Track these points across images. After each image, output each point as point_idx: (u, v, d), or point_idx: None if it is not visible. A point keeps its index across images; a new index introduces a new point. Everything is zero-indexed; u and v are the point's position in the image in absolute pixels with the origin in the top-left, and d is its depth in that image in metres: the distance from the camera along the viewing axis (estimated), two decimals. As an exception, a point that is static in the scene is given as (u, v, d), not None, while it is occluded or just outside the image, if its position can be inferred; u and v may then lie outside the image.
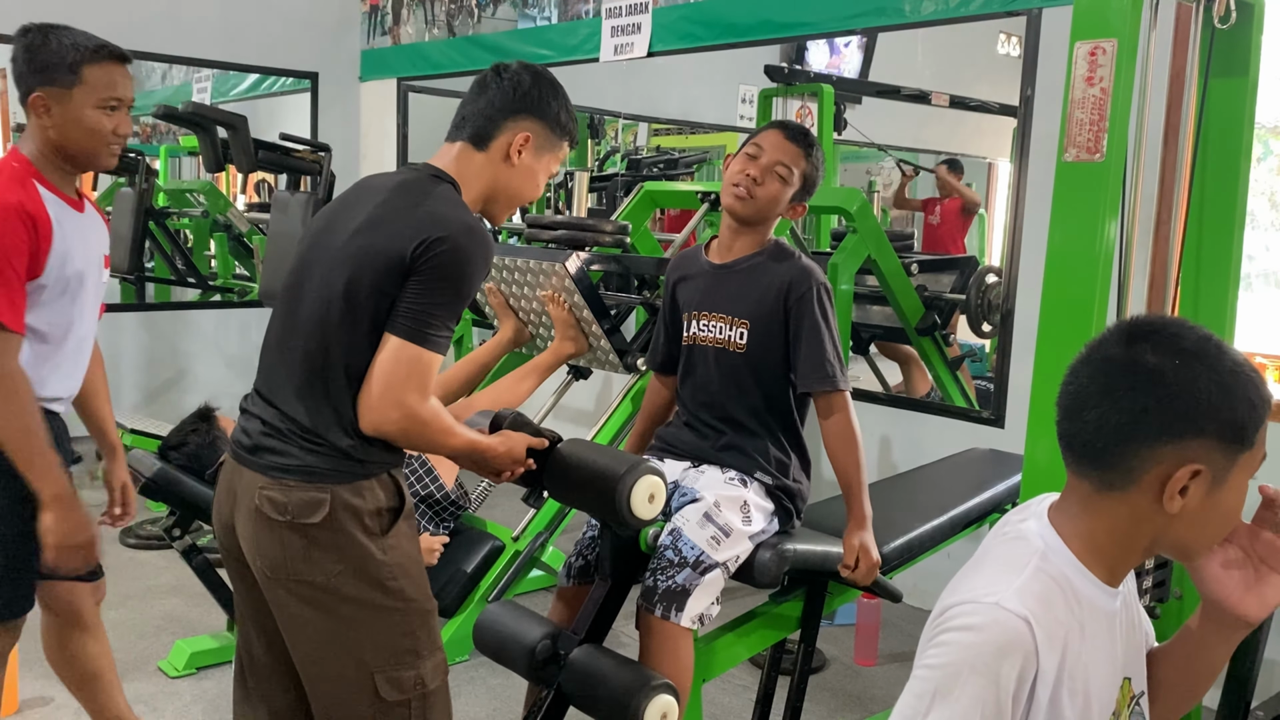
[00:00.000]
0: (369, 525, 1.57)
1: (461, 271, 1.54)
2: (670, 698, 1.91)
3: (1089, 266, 1.88)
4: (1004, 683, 1.06)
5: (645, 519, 1.84)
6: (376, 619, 1.58)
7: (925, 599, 3.68)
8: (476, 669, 3.06)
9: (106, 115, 1.92)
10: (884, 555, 2.33)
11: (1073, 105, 1.85)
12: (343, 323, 1.55)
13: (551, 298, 2.87)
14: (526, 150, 1.68)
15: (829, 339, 2.11)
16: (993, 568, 1.16)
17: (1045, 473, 1.98)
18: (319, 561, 1.55)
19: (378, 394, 1.52)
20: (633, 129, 7.38)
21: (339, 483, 1.55)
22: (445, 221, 1.54)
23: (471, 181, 1.67)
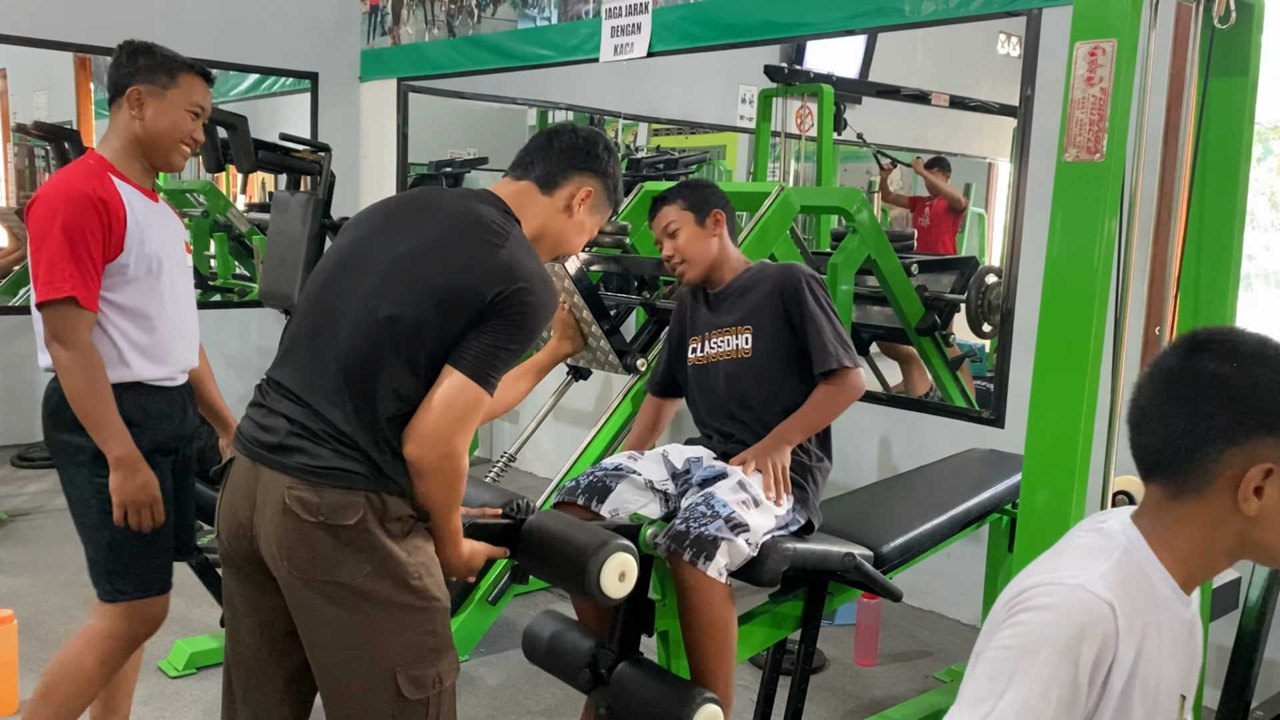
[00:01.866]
0: (392, 529, 1.58)
1: (536, 323, 1.60)
2: (716, 708, 1.95)
3: (1089, 267, 1.88)
4: (1083, 664, 1.06)
5: (616, 598, 1.85)
6: (403, 618, 1.59)
7: (925, 599, 3.68)
8: (477, 669, 3.06)
9: (190, 119, 2.13)
10: (884, 555, 2.34)
11: (1073, 105, 1.85)
12: (398, 346, 1.55)
13: None
14: (586, 204, 1.75)
15: (827, 324, 2.25)
16: (1075, 555, 1.16)
17: (1045, 472, 1.98)
18: (348, 562, 1.55)
19: (431, 426, 1.54)
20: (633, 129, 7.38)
21: (369, 489, 1.56)
22: (527, 272, 1.58)
23: (530, 219, 1.71)
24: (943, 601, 3.66)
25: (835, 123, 5.33)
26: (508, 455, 3.27)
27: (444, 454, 1.55)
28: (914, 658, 3.30)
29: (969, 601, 3.43)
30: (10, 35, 4.82)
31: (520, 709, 2.84)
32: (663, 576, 2.13)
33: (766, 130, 5.40)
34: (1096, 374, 1.93)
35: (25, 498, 4.43)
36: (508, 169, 1.80)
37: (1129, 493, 2.20)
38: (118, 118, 2.11)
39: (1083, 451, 1.96)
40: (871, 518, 2.53)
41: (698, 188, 2.41)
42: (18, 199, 5.60)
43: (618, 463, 2.27)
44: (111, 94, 2.12)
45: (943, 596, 3.65)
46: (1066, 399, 1.92)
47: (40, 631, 3.09)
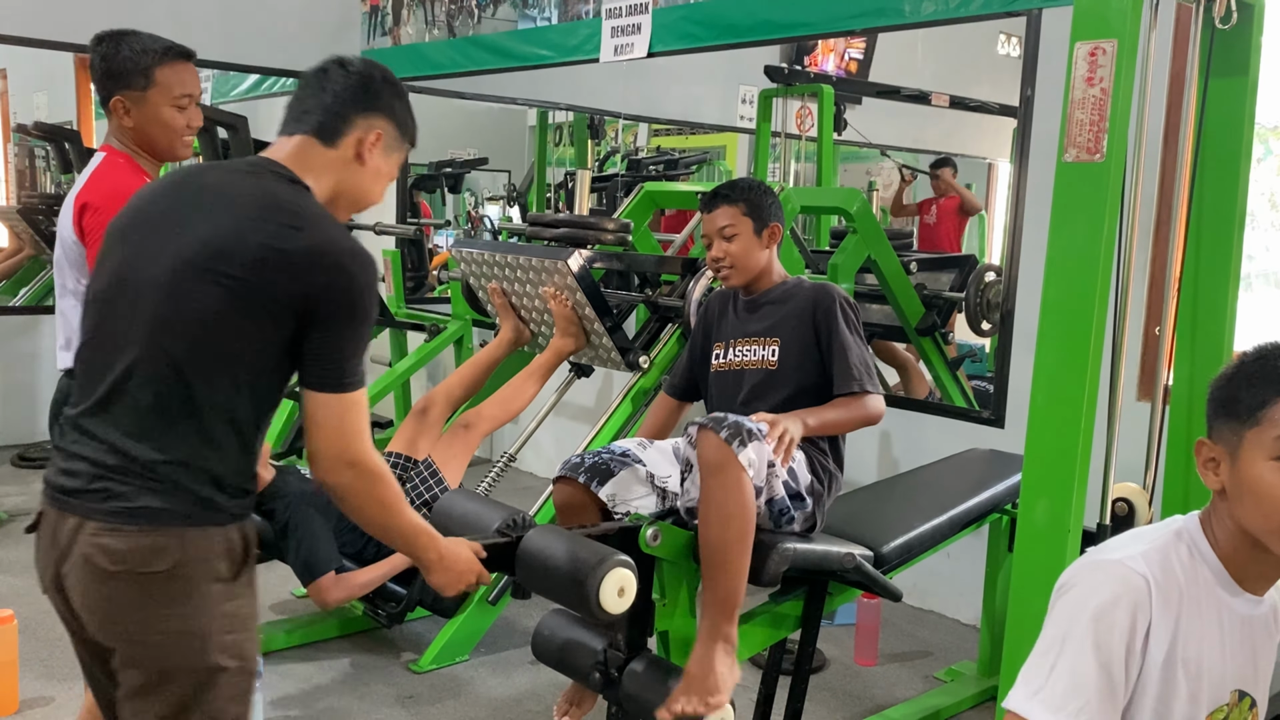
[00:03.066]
0: (219, 570, 1.41)
1: (367, 301, 1.42)
2: (727, 705, 1.98)
3: (1089, 267, 1.88)
4: (1119, 630, 1.14)
5: (615, 613, 1.85)
6: (212, 678, 1.41)
7: (925, 598, 3.68)
8: (476, 669, 3.06)
9: (179, 111, 2.10)
10: (884, 555, 2.34)
11: (1073, 105, 1.85)
12: (205, 366, 1.38)
13: (553, 295, 2.88)
14: (378, 149, 1.54)
15: (855, 348, 2.25)
16: (1126, 538, 1.25)
17: (1045, 472, 1.99)
18: (152, 617, 1.38)
19: (320, 450, 1.42)
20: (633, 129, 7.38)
21: (188, 526, 1.38)
22: (337, 251, 1.39)
23: (319, 180, 1.50)
24: (943, 601, 3.66)
25: (835, 123, 5.33)
26: (508, 455, 3.27)
27: (347, 467, 1.43)
28: (914, 658, 3.30)
29: (969, 601, 3.43)
30: (10, 35, 4.82)
31: (520, 708, 2.84)
32: (663, 577, 2.12)
33: (766, 130, 5.40)
34: (1096, 375, 1.93)
35: (26, 497, 4.43)
36: (281, 125, 1.55)
37: (1129, 500, 2.20)
38: (112, 123, 2.14)
39: (1083, 453, 1.97)
40: (872, 518, 2.53)
41: (761, 194, 2.35)
42: (19, 199, 5.59)
43: (627, 449, 2.25)
44: (100, 100, 2.14)
45: (943, 596, 3.65)
46: (1066, 400, 1.92)
47: (40, 631, 3.08)
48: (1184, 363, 2.28)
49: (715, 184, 3.79)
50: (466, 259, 3.12)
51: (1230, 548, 1.20)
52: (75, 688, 2.17)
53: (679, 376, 2.54)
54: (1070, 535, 1.99)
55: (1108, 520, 2.16)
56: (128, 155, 2.14)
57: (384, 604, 3.03)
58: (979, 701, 2.94)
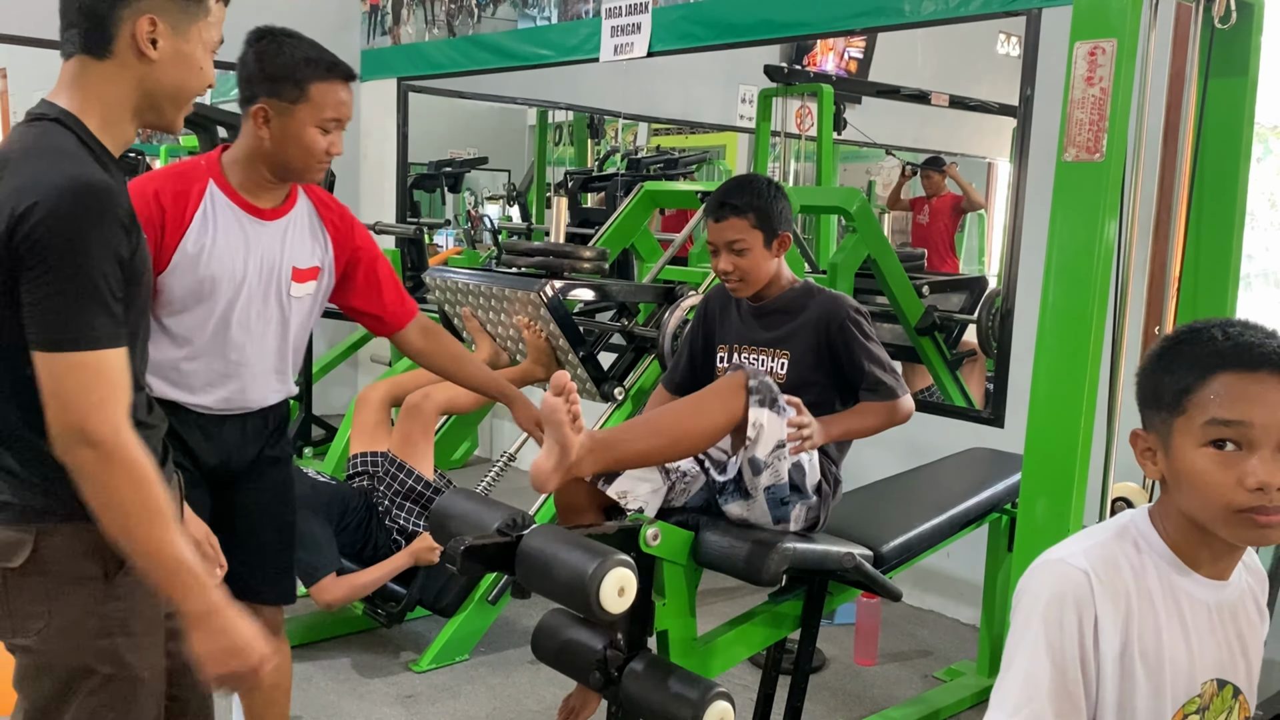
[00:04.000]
0: (86, 570, 1.31)
1: (69, 237, 1.20)
2: (726, 704, 1.95)
3: (1088, 266, 1.88)
4: (1068, 628, 1.14)
5: (615, 613, 1.83)
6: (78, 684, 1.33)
7: (925, 598, 3.68)
8: (476, 668, 3.06)
9: (323, 135, 1.87)
10: (883, 555, 2.34)
11: (1072, 105, 1.85)
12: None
13: (527, 325, 2.86)
14: (161, 34, 1.31)
15: (876, 355, 2.22)
16: (1073, 537, 1.25)
17: (1045, 472, 1.99)
18: (20, 614, 1.31)
19: (52, 420, 1.22)
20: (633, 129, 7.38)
21: (45, 522, 1.29)
22: (31, 185, 1.21)
23: (107, 102, 1.31)
24: (942, 601, 3.66)
25: (835, 122, 5.33)
26: (508, 455, 3.26)
27: (81, 443, 1.21)
28: (914, 657, 3.30)
29: (969, 601, 3.43)
30: (10, 35, 4.82)
31: (520, 707, 2.84)
32: (663, 577, 2.12)
33: (766, 130, 5.40)
34: (1096, 374, 1.93)
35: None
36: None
37: (1128, 498, 2.20)
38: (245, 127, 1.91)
39: (1082, 453, 1.97)
40: (871, 517, 2.53)
41: (770, 201, 2.24)
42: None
43: None
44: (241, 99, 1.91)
45: (943, 596, 3.65)
46: (1066, 399, 1.92)
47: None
48: (1184, 362, 2.28)
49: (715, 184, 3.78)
50: (440, 285, 3.09)
51: (1180, 535, 1.18)
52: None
53: (680, 373, 2.49)
54: (1070, 534, 1.99)
55: (1107, 519, 2.16)
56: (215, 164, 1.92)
57: (384, 604, 3.03)
58: (978, 701, 2.93)
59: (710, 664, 2.21)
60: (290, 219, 1.98)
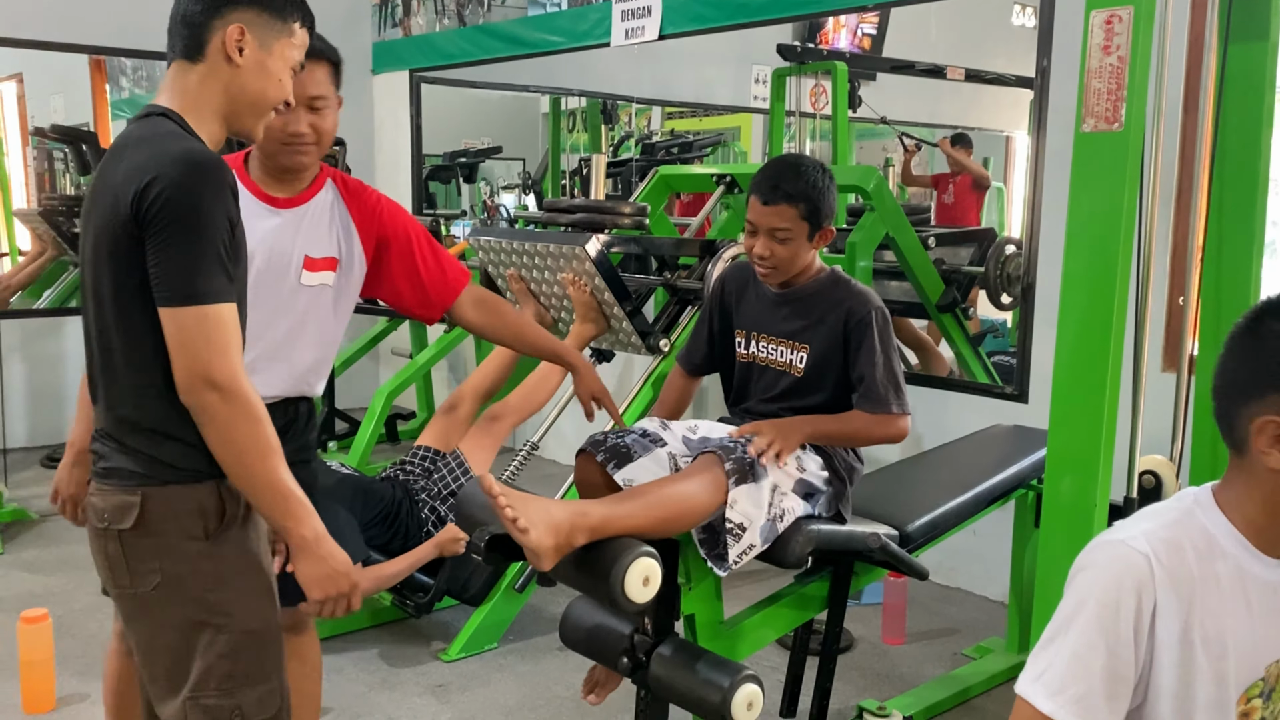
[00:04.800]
0: (189, 528, 1.42)
1: (190, 206, 1.34)
2: (755, 687, 1.94)
3: (1110, 237, 1.86)
4: (1124, 612, 1.12)
5: (640, 602, 1.83)
6: (195, 635, 1.43)
7: (952, 576, 3.67)
8: (505, 656, 3.07)
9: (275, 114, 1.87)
10: (909, 534, 2.33)
11: (1089, 75, 1.83)
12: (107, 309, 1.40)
13: (572, 281, 2.87)
14: (247, 44, 1.45)
15: (884, 364, 2.12)
16: (1135, 517, 1.22)
17: (1071, 447, 1.97)
18: (137, 571, 1.42)
19: (182, 374, 1.36)
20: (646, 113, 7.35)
21: (150, 485, 1.41)
22: (151, 162, 1.35)
23: (199, 102, 1.46)
24: (970, 578, 3.65)
25: (850, 100, 5.29)
26: (530, 444, 3.27)
27: (206, 386, 1.34)
28: (942, 635, 3.29)
29: (996, 578, 3.42)
30: (25, 39, 4.85)
31: (550, 694, 2.85)
32: (688, 561, 2.12)
33: (781, 110, 5.37)
34: (1120, 347, 1.91)
35: (56, 498, 4.48)
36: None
37: (1156, 472, 2.18)
38: None
39: (1108, 427, 1.95)
40: (896, 497, 2.52)
41: (822, 193, 2.13)
42: (40, 201, 5.64)
43: (649, 430, 2.16)
44: None
45: (970, 573, 3.64)
46: (1090, 374, 1.90)
47: (76, 629, 3.13)
48: (1209, 332, 2.25)
49: (730, 166, 3.76)
50: (484, 247, 3.12)
51: (1262, 520, 1.15)
52: (110, 684, 2.19)
53: (694, 353, 2.43)
54: (1097, 510, 1.98)
55: (1134, 493, 2.15)
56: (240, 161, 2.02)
57: (412, 594, 3.05)
58: (1009, 678, 2.92)
59: (738, 647, 2.21)
60: (309, 208, 1.98)
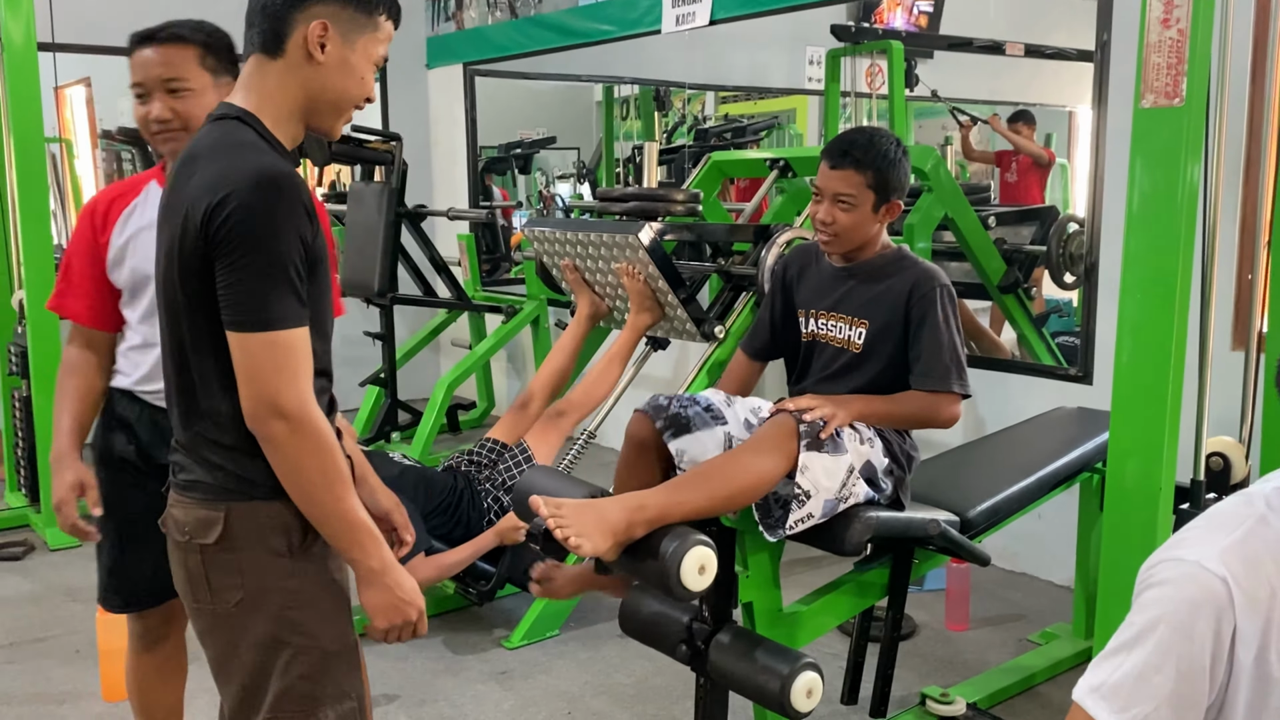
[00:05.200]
0: (274, 545, 1.39)
1: (264, 226, 1.28)
2: (815, 674, 1.93)
3: (1171, 215, 1.82)
4: (1199, 639, 1.07)
5: (696, 591, 1.83)
6: (275, 654, 1.40)
7: (1016, 561, 3.62)
8: (566, 643, 3.10)
9: (138, 105, 1.87)
10: (970, 519, 2.30)
11: (1148, 49, 1.78)
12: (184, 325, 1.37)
13: (626, 270, 2.87)
14: (330, 40, 1.37)
15: (948, 342, 2.08)
16: (1205, 526, 1.15)
17: (1134, 429, 1.93)
18: (218, 588, 1.40)
19: (250, 402, 1.31)
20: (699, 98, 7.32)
21: (235, 500, 1.38)
22: (223, 179, 1.29)
23: (277, 101, 1.39)
24: (1035, 563, 3.60)
25: (906, 79, 5.21)
26: (588, 432, 3.29)
27: (273, 415, 1.29)
28: (1007, 621, 3.25)
29: (1062, 563, 3.36)
30: (93, 45, 4.98)
31: (611, 681, 2.88)
32: (745, 549, 2.12)
33: (836, 91, 5.30)
34: (1184, 326, 1.87)
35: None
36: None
37: (1224, 454, 2.13)
38: None
39: (1172, 409, 1.91)
40: (957, 482, 2.49)
41: (892, 164, 2.09)
42: (108, 203, 5.81)
43: (714, 404, 2.12)
44: None
45: (1034, 558, 3.59)
46: (1153, 354, 1.86)
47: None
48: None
49: (784, 150, 3.73)
50: (539, 238, 3.14)
51: None
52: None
53: (757, 338, 2.40)
54: (1162, 493, 1.94)
55: (1201, 476, 2.10)
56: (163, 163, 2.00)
57: (474, 582, 3.09)
58: (1075, 664, 2.88)
59: (797, 634, 2.20)
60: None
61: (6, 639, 3.16)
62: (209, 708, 1.62)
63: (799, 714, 1.96)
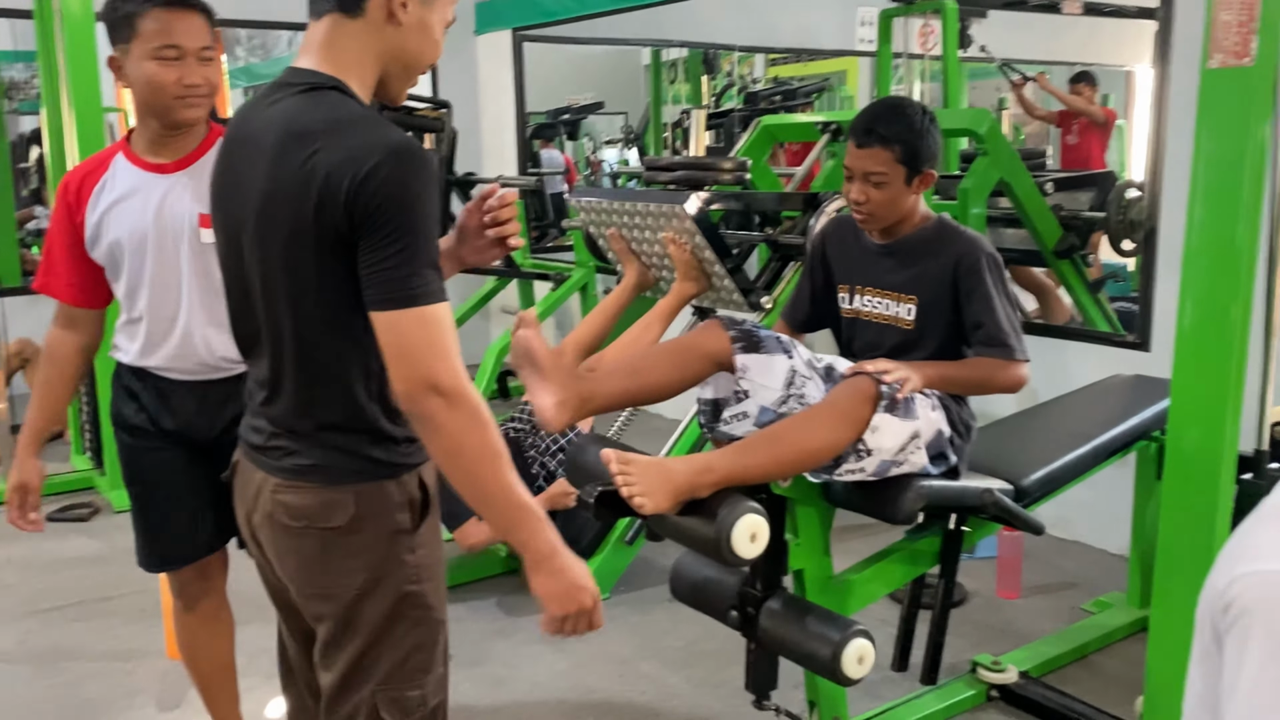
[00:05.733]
0: (400, 522, 1.38)
1: (414, 196, 1.24)
2: (866, 641, 1.94)
3: (1238, 180, 1.77)
4: None
5: (748, 558, 1.83)
6: (392, 634, 1.40)
7: (1070, 529, 3.59)
8: (616, 606, 3.13)
9: (163, 66, 1.83)
10: (1024, 488, 2.28)
11: (1217, 6, 1.73)
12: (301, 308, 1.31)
13: (673, 240, 2.86)
14: (411, 1, 1.32)
15: (1002, 308, 2.07)
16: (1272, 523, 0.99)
17: (1196, 397, 1.90)
18: (339, 572, 1.38)
19: (404, 382, 1.26)
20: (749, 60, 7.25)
21: (362, 482, 1.36)
22: (365, 151, 1.23)
23: (354, 63, 1.33)
24: (1089, 531, 3.56)
25: (960, 40, 5.12)
26: (636, 402, 3.31)
27: (431, 393, 1.24)
28: (1059, 589, 3.23)
29: (1116, 531, 3.32)
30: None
31: (661, 645, 2.91)
32: (795, 517, 2.13)
33: (888, 52, 5.23)
34: (1249, 292, 1.83)
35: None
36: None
37: (1291, 423, 2.09)
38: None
39: (1235, 379, 1.87)
40: (1011, 450, 2.47)
41: (920, 135, 2.06)
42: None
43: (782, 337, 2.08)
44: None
45: (1089, 526, 3.55)
46: (1217, 323, 1.82)
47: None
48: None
49: (834, 113, 3.68)
50: (585, 208, 3.14)
51: None
52: (247, 631, 2.32)
53: (798, 310, 2.39)
54: (1224, 463, 1.90)
55: (1265, 445, 2.06)
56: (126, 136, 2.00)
57: (526, 547, 3.13)
58: (1129, 633, 2.86)
59: (847, 602, 2.21)
60: (199, 167, 1.94)
61: (75, 598, 3.27)
62: (270, 667, 1.66)
63: (850, 680, 1.97)
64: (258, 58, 7.12)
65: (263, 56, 7.13)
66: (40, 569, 3.51)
